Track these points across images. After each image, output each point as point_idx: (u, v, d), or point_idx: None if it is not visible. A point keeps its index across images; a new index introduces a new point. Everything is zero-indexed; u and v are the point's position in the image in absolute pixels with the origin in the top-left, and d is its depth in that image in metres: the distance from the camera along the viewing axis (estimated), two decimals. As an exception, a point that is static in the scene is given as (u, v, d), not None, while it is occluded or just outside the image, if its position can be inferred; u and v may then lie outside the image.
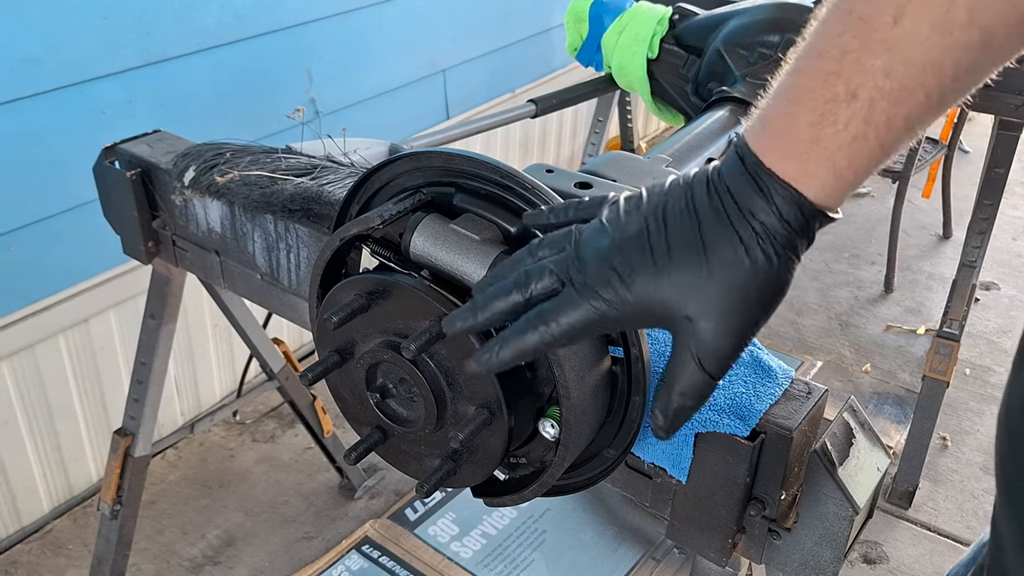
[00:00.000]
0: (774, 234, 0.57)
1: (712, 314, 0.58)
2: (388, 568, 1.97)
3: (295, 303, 1.12)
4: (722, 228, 0.58)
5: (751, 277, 0.58)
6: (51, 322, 1.93)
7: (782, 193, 0.56)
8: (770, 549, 0.80)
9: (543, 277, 0.62)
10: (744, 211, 0.57)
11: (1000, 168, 2.10)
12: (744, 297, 0.58)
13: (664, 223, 0.60)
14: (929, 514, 2.21)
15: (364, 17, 2.36)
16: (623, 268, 0.59)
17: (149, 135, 1.27)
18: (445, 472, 0.73)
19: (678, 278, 0.58)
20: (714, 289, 0.58)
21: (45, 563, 1.99)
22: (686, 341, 0.60)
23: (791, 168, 0.56)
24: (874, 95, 0.53)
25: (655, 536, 2.05)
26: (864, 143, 0.54)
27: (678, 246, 0.59)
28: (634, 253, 0.59)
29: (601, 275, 0.60)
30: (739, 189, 0.58)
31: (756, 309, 0.59)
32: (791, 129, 0.56)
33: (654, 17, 1.45)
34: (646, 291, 0.59)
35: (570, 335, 0.61)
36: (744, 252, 0.57)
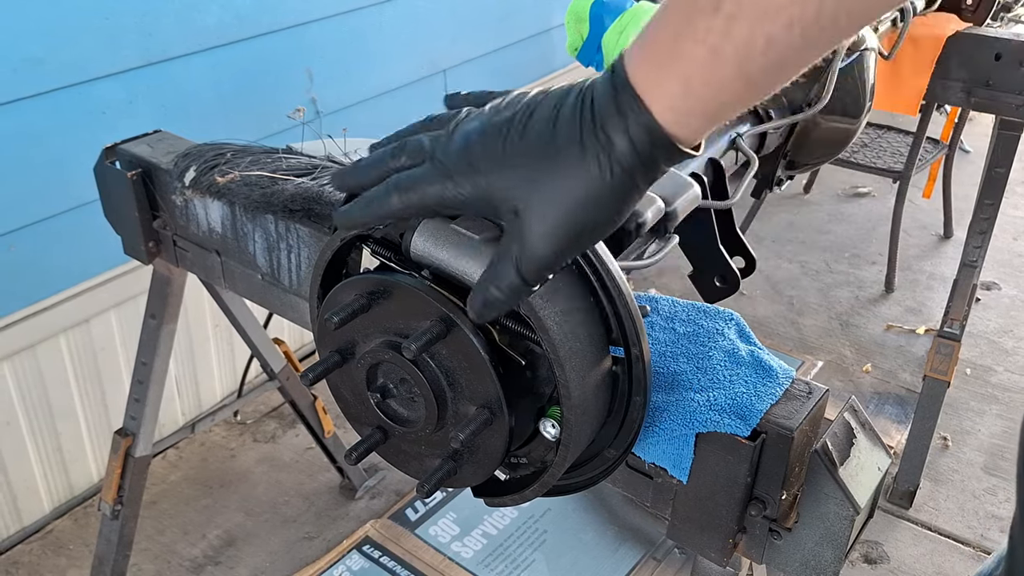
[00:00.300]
0: (618, 152, 0.56)
1: (538, 215, 0.58)
2: (389, 568, 1.97)
3: (296, 303, 1.12)
4: (572, 134, 0.57)
5: (583, 190, 0.57)
6: (52, 322, 1.93)
7: (635, 111, 0.55)
8: (771, 549, 0.80)
9: (416, 150, 0.64)
10: (597, 122, 0.56)
11: (1001, 168, 2.10)
12: (572, 208, 0.58)
13: (528, 119, 0.59)
14: (930, 514, 2.21)
15: (364, 17, 2.36)
16: (477, 153, 0.60)
17: (150, 135, 1.27)
18: (446, 472, 0.73)
19: (518, 171, 0.59)
20: (547, 192, 0.58)
21: (46, 563, 2.00)
22: (510, 236, 0.60)
23: (648, 81, 0.55)
24: (734, 9, 0.51)
25: (656, 536, 2.05)
26: (721, 64, 0.52)
27: (530, 143, 0.58)
28: (491, 140, 0.60)
29: (458, 157, 0.61)
30: (601, 99, 0.57)
31: (582, 225, 0.58)
32: (657, 40, 0.55)
33: (655, 17, 1.45)
34: (489, 179, 0.60)
35: (418, 207, 0.63)
36: (583, 163, 0.57)
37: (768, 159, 1.32)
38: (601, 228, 0.60)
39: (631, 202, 0.59)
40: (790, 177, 1.43)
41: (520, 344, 0.70)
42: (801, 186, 3.77)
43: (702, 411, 0.75)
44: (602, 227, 0.60)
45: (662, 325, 0.84)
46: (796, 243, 3.40)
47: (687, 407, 0.76)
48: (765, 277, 3.16)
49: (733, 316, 0.85)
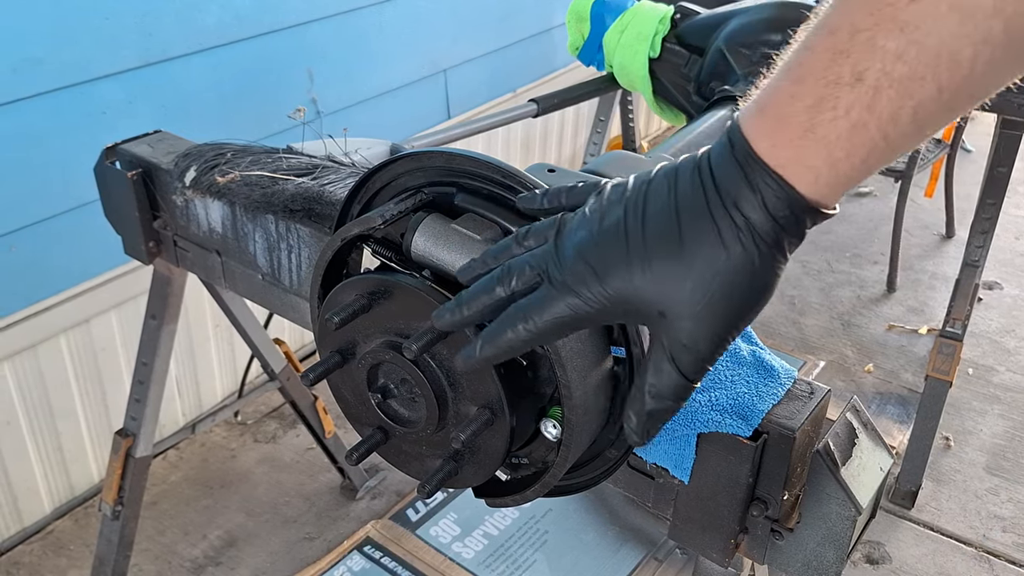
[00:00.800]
0: (759, 230, 0.53)
1: (688, 312, 0.55)
2: (390, 569, 1.97)
3: (296, 303, 1.12)
4: (702, 220, 0.54)
5: (731, 275, 0.54)
6: (52, 322, 1.93)
7: (772, 186, 0.52)
8: (773, 549, 0.80)
9: (523, 272, 0.60)
10: (727, 202, 0.53)
11: (1003, 167, 2.10)
12: (722, 296, 0.54)
13: (643, 213, 0.56)
14: (932, 514, 2.21)
15: (365, 17, 2.36)
16: (598, 262, 0.57)
17: (150, 135, 1.27)
18: (447, 473, 0.73)
19: (653, 272, 0.55)
20: (690, 286, 0.54)
21: (47, 563, 2.00)
22: (660, 339, 0.57)
23: (783, 157, 0.52)
24: (881, 81, 0.48)
25: (657, 536, 2.05)
26: (865, 134, 0.50)
27: (655, 238, 0.55)
28: (610, 245, 0.56)
29: (576, 270, 0.57)
30: (725, 177, 0.53)
31: (736, 310, 0.55)
32: (787, 112, 0.51)
33: (656, 16, 1.45)
34: (620, 286, 0.56)
35: (549, 332, 0.59)
36: (723, 248, 0.53)
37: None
38: (757, 306, 0.56)
39: (780, 271, 0.55)
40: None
41: (521, 344, 0.70)
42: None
43: (704, 411, 0.75)
44: (758, 305, 0.56)
45: (663, 325, 0.84)
46: (797, 243, 3.40)
47: (688, 407, 0.76)
48: (766, 277, 3.15)
49: (735, 316, 0.84)
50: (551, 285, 0.58)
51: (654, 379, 0.58)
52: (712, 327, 0.55)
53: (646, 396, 0.59)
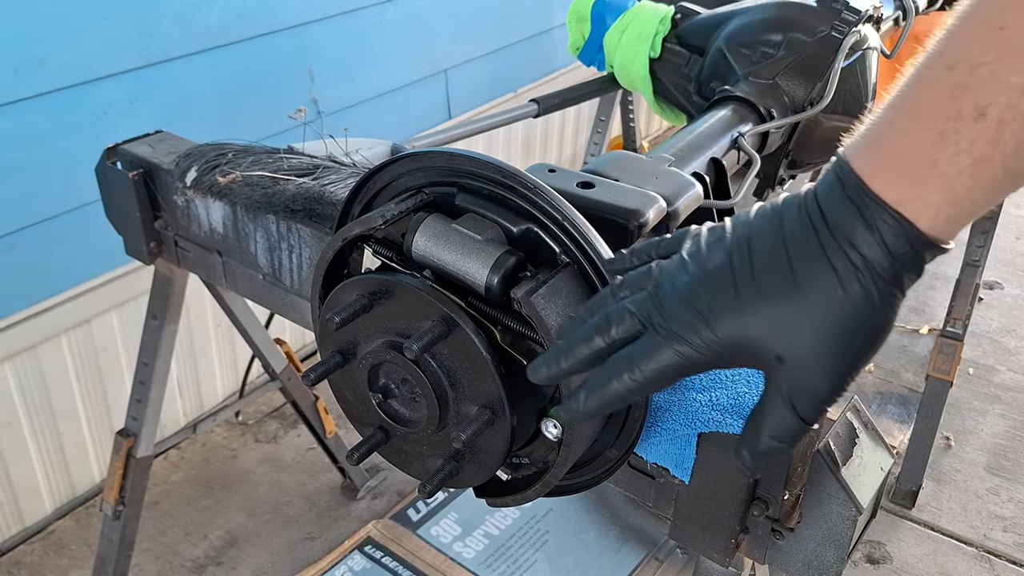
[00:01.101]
0: (877, 268, 0.51)
1: (806, 355, 0.53)
2: (391, 568, 1.97)
3: (297, 303, 1.12)
4: (816, 260, 0.52)
5: (849, 316, 0.52)
6: (54, 323, 1.93)
7: (890, 223, 0.50)
8: (773, 549, 0.80)
9: (623, 320, 0.58)
10: (842, 241, 0.52)
11: (1003, 167, 2.09)
12: (841, 337, 0.52)
13: (749, 254, 0.54)
14: (933, 514, 2.21)
15: (366, 17, 2.36)
16: (705, 307, 0.55)
17: (151, 135, 1.27)
18: (447, 472, 0.73)
19: (767, 315, 0.53)
20: (808, 328, 0.53)
21: (48, 563, 2.00)
22: (778, 382, 0.55)
23: (902, 194, 0.50)
24: (1005, 115, 0.46)
25: (658, 536, 2.05)
26: (988, 169, 0.48)
27: (766, 280, 0.53)
28: (717, 289, 0.55)
29: (682, 316, 0.55)
30: (838, 216, 0.52)
31: (855, 350, 0.53)
32: (905, 148, 0.50)
33: (656, 16, 1.45)
34: (731, 330, 0.54)
35: (656, 381, 0.57)
36: (841, 288, 0.51)
37: (770, 158, 1.32)
38: (876, 345, 0.54)
39: (898, 308, 0.54)
40: (792, 176, 1.43)
41: (522, 344, 0.70)
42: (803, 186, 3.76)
43: (704, 411, 0.75)
44: (877, 344, 0.54)
45: (664, 325, 0.84)
46: (798, 243, 3.39)
47: (689, 407, 0.76)
48: (767, 277, 3.15)
49: (735, 316, 0.84)
50: (656, 333, 0.57)
51: (772, 422, 0.56)
52: (834, 371, 0.54)
53: (763, 437, 0.57)
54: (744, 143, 1.13)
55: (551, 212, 0.69)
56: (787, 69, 1.23)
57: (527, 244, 0.70)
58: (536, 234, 0.70)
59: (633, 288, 0.60)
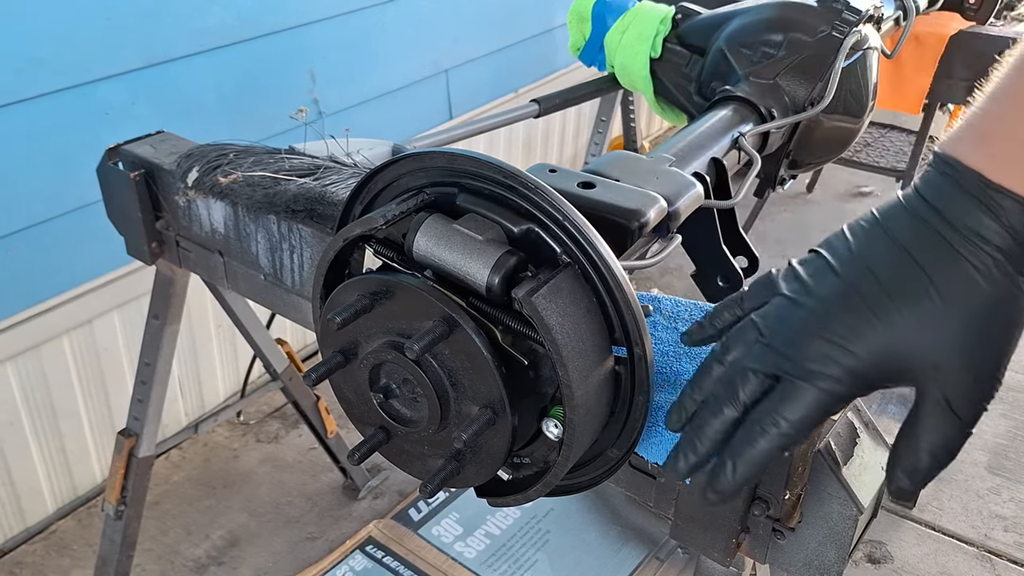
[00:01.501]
0: (1011, 255, 0.51)
1: (957, 355, 0.52)
2: (392, 568, 1.97)
3: (298, 303, 1.12)
4: (947, 258, 0.51)
5: (993, 307, 0.51)
6: (55, 323, 1.93)
7: (1014, 208, 0.50)
8: (774, 549, 0.80)
9: (748, 380, 0.55)
10: (968, 234, 0.51)
11: (1004, 167, 2.09)
12: (989, 329, 0.52)
13: (869, 269, 0.53)
14: (934, 514, 2.21)
15: (367, 17, 2.36)
16: (839, 333, 0.53)
17: (152, 136, 1.28)
18: (449, 472, 0.73)
19: (909, 323, 0.52)
20: (955, 327, 0.51)
21: (50, 564, 2.00)
22: (933, 391, 0.54)
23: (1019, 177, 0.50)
24: None
25: (659, 536, 2.05)
26: None
27: (896, 289, 0.52)
28: (844, 312, 0.53)
29: (817, 351, 0.53)
30: (958, 212, 0.52)
31: (1007, 339, 0.52)
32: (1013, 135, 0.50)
33: (657, 16, 1.45)
34: (875, 347, 0.53)
35: (804, 430, 0.55)
36: (980, 279, 0.51)
37: (771, 158, 1.32)
38: (1016, 339, 0.53)
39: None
40: (793, 176, 1.43)
41: (523, 344, 0.70)
42: (804, 185, 3.77)
43: (705, 411, 0.75)
44: (1017, 338, 0.53)
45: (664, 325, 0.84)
46: (799, 242, 3.40)
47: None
48: (768, 277, 3.15)
49: (736, 316, 0.84)
50: (791, 378, 0.54)
51: (932, 436, 0.55)
52: (987, 364, 0.53)
53: (922, 455, 0.55)
54: (745, 143, 1.13)
55: (552, 212, 0.69)
56: (788, 69, 1.23)
57: (528, 244, 0.70)
58: (537, 234, 0.70)
59: (739, 346, 0.57)
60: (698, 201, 0.95)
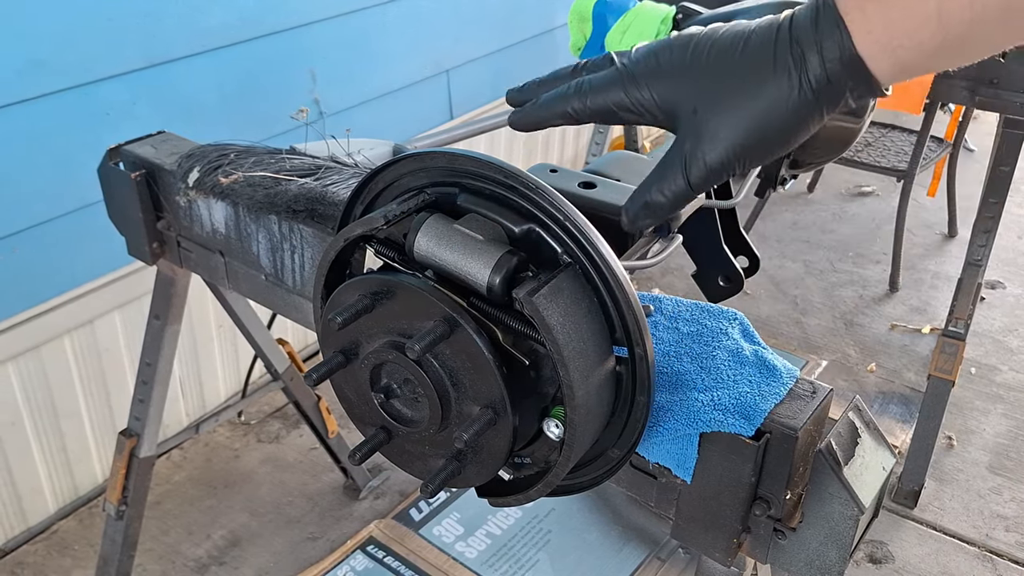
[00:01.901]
0: (810, 73, 0.57)
1: (717, 118, 0.59)
2: (393, 568, 1.97)
3: (299, 303, 1.12)
4: (765, 47, 0.58)
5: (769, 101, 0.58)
6: (56, 323, 1.93)
7: (830, 33, 0.56)
8: (775, 549, 0.80)
9: (599, 61, 0.65)
10: (792, 40, 0.58)
11: (1006, 166, 2.09)
12: (754, 116, 0.59)
13: (719, 35, 0.61)
14: (935, 513, 2.21)
15: (368, 18, 2.36)
16: (664, 59, 0.63)
17: (153, 136, 1.28)
18: (450, 472, 0.73)
19: (705, 78, 0.60)
20: (731, 98, 0.59)
21: (51, 564, 2.00)
22: (682, 140, 0.62)
23: (850, 3, 0.56)
24: None
25: (660, 536, 2.05)
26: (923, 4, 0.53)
27: (719, 53, 0.60)
28: (679, 50, 0.62)
29: (644, 63, 0.63)
30: (799, 21, 0.58)
31: (759, 135, 0.59)
32: None
33: (658, 16, 1.45)
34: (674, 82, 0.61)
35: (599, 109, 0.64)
36: (772, 74, 0.58)
37: (772, 158, 1.31)
38: (776, 146, 0.60)
39: (809, 126, 0.59)
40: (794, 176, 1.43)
41: (524, 344, 0.70)
42: (805, 185, 3.77)
43: (706, 411, 0.75)
44: (777, 145, 0.60)
45: (666, 325, 0.84)
46: (800, 242, 3.40)
47: (691, 407, 0.76)
48: (769, 276, 3.16)
49: (737, 315, 0.85)
50: (615, 69, 0.64)
51: (660, 176, 0.64)
52: (732, 141, 0.60)
53: (651, 189, 0.64)
54: (746, 143, 1.13)
55: (553, 212, 0.69)
56: (789, 69, 1.23)
57: (529, 244, 0.70)
58: (538, 234, 0.70)
59: None
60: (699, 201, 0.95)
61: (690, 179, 0.62)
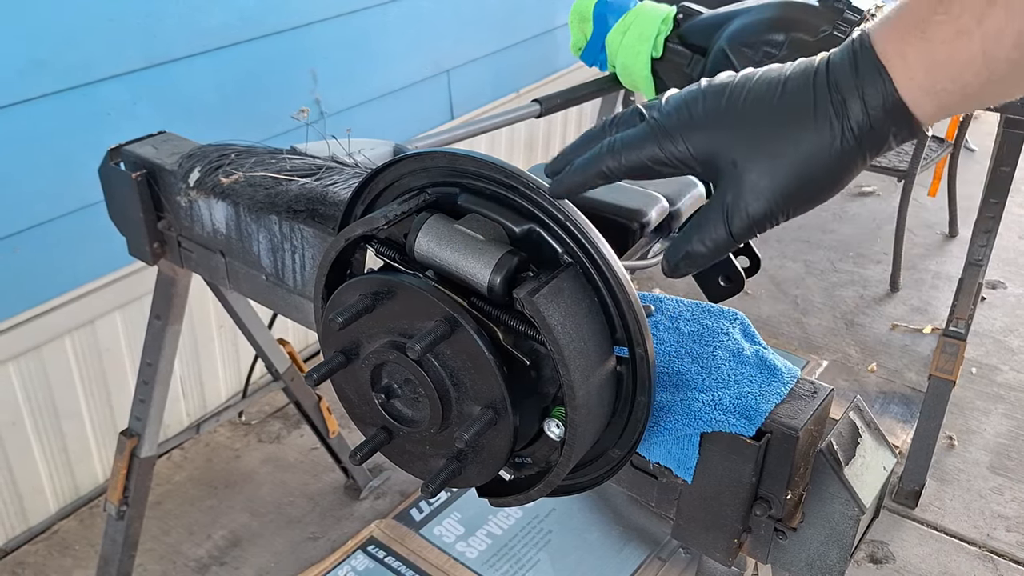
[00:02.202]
0: (852, 118, 0.56)
1: (759, 169, 0.58)
2: (394, 568, 1.97)
3: (300, 304, 1.12)
4: (803, 94, 0.57)
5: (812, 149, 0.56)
6: (57, 323, 1.93)
7: (872, 75, 0.55)
8: (776, 549, 0.80)
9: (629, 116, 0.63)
10: (831, 85, 0.57)
11: (1006, 166, 2.09)
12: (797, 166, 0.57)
13: (753, 81, 0.60)
14: (936, 513, 2.21)
15: (368, 17, 2.36)
16: (697, 110, 0.61)
17: (154, 136, 1.28)
18: (450, 472, 0.73)
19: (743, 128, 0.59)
20: (771, 147, 0.58)
21: (52, 564, 2.00)
22: (723, 191, 0.60)
23: (890, 49, 0.55)
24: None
25: (661, 536, 2.05)
26: (968, 45, 0.51)
27: (755, 101, 0.58)
28: (712, 98, 0.60)
29: (676, 115, 0.61)
30: (838, 66, 0.57)
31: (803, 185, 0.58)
32: (907, 10, 0.55)
33: (658, 16, 1.45)
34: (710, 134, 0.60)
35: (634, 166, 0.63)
36: (814, 122, 0.56)
37: (772, 158, 1.32)
38: (819, 193, 0.59)
39: (854, 171, 0.58)
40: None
41: (524, 344, 0.70)
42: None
43: (707, 411, 0.75)
44: (820, 192, 0.59)
45: (666, 325, 0.84)
46: (801, 242, 3.40)
47: (692, 407, 0.76)
48: (770, 276, 3.16)
49: (738, 315, 0.85)
50: (646, 124, 0.63)
51: (702, 226, 0.62)
52: (775, 192, 0.58)
53: (693, 239, 0.63)
54: (746, 143, 1.13)
55: (553, 212, 0.69)
56: (789, 69, 1.23)
57: (529, 244, 0.70)
58: (538, 234, 0.70)
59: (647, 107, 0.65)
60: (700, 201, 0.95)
61: (732, 230, 0.61)
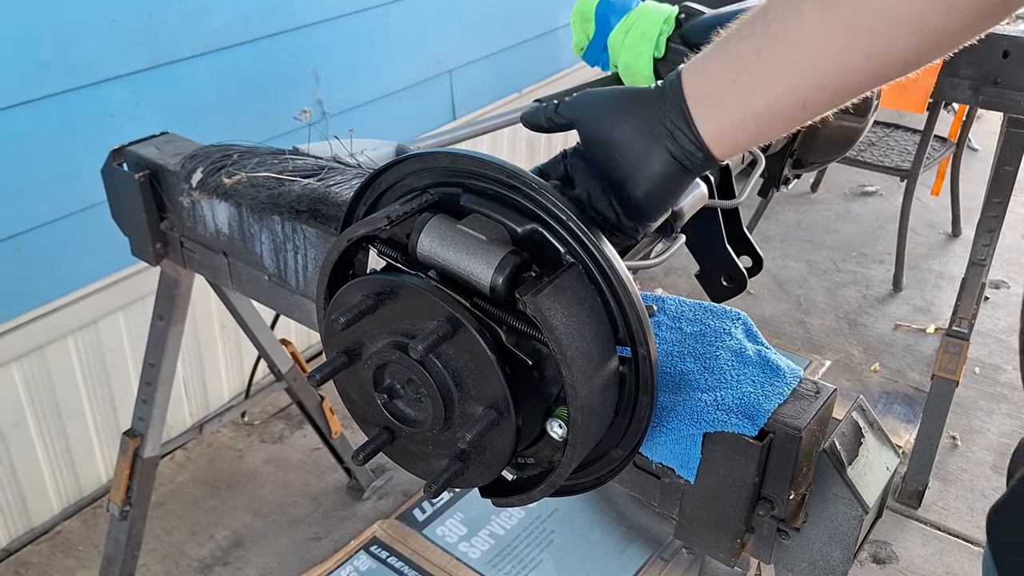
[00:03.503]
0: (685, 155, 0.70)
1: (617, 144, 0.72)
2: (396, 568, 1.97)
3: (303, 304, 1.13)
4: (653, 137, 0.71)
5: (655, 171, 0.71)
6: (60, 324, 1.93)
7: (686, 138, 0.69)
8: (779, 549, 0.80)
9: None
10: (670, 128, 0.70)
11: (1009, 166, 2.09)
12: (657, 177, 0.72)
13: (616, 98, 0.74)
14: (939, 514, 2.20)
15: (371, 18, 2.36)
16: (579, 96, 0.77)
17: (157, 137, 1.28)
18: (453, 472, 0.73)
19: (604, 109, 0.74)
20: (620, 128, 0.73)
21: (55, 564, 2.00)
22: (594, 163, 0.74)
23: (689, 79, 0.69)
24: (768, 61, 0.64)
25: (663, 536, 2.05)
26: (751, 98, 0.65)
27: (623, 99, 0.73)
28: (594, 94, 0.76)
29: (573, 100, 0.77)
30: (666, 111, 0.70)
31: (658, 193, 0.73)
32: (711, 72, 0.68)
33: (660, 16, 1.45)
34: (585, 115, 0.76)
35: None
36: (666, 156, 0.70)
37: (775, 158, 1.32)
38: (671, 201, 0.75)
39: None
40: (797, 176, 1.43)
41: (527, 344, 0.70)
42: (808, 185, 3.76)
43: (709, 411, 0.75)
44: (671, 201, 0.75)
45: (669, 325, 0.84)
46: (803, 242, 3.39)
47: (694, 407, 0.76)
48: (772, 276, 3.15)
49: (740, 315, 0.85)
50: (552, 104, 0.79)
51: None
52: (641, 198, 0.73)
53: None
54: (749, 143, 1.13)
55: (555, 212, 0.69)
56: (792, 68, 1.22)
57: (532, 244, 0.70)
58: (541, 234, 0.70)
59: None
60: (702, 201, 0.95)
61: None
